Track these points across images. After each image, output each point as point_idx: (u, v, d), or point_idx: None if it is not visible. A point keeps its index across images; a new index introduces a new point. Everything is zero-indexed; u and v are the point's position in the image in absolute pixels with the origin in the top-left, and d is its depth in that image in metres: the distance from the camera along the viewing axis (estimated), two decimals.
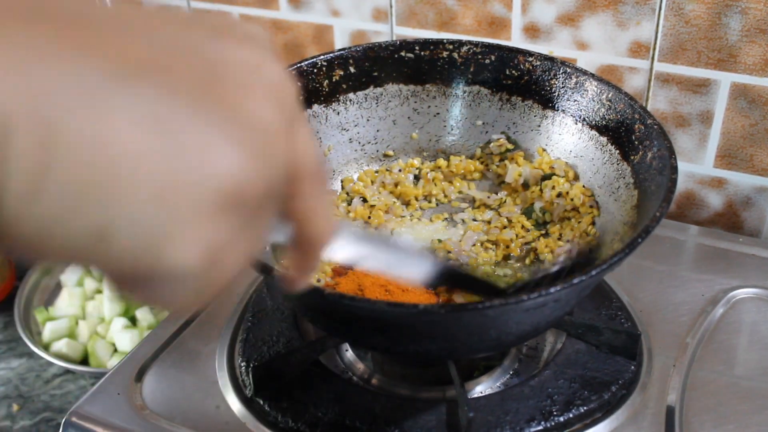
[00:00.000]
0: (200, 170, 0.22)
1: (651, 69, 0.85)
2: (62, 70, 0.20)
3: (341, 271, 0.68)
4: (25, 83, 0.20)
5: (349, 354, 0.71)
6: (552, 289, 0.49)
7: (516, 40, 0.91)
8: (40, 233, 0.21)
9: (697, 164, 0.89)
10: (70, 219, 0.21)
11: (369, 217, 0.74)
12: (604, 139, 0.69)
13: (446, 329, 0.54)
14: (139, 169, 0.21)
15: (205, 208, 0.22)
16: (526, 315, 0.54)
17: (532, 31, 0.89)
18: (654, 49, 0.84)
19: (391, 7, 0.95)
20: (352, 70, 0.75)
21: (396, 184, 0.77)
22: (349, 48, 0.75)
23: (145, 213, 0.21)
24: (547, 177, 0.72)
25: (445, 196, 0.77)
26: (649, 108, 0.87)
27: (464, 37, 0.93)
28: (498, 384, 0.67)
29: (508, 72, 0.75)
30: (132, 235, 0.21)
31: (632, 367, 0.65)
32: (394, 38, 0.97)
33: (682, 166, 0.89)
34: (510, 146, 0.76)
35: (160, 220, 0.21)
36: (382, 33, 0.98)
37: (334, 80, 0.75)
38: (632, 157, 0.65)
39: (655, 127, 0.63)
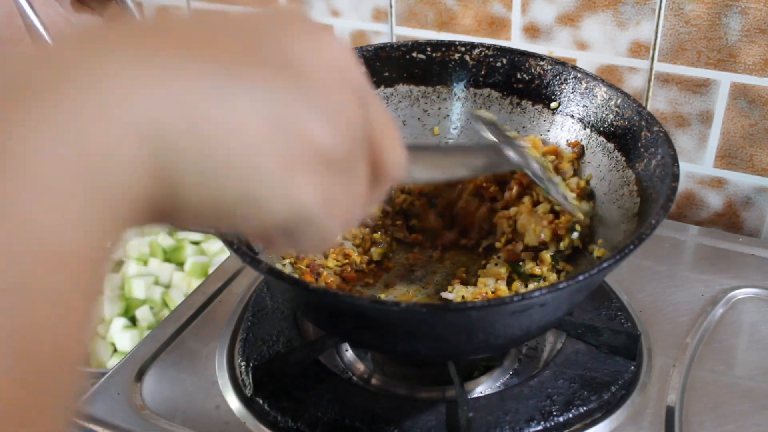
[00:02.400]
0: (302, 139, 0.29)
1: (651, 69, 0.85)
2: (191, 79, 0.27)
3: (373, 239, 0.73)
4: (170, 95, 0.26)
5: (349, 354, 0.71)
6: (536, 293, 0.49)
7: (516, 40, 0.91)
8: (207, 206, 0.28)
9: (697, 164, 0.89)
10: (224, 191, 0.28)
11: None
12: (611, 146, 0.69)
13: (431, 329, 0.54)
14: (263, 146, 0.28)
15: (310, 162, 0.30)
16: (512, 318, 0.53)
17: (532, 31, 0.89)
18: (654, 49, 0.84)
19: (391, 7, 0.95)
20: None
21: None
22: (361, 47, 0.75)
23: (274, 173, 0.29)
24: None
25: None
26: (649, 108, 0.87)
27: (471, 39, 0.93)
28: (498, 384, 0.67)
29: (519, 75, 0.75)
30: (269, 190, 0.29)
31: (632, 368, 0.65)
32: (394, 38, 0.97)
33: (682, 166, 0.89)
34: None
35: (284, 175, 0.29)
36: (382, 33, 0.98)
37: None
38: (637, 165, 0.65)
39: (661, 134, 0.63)
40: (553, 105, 0.73)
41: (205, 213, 0.28)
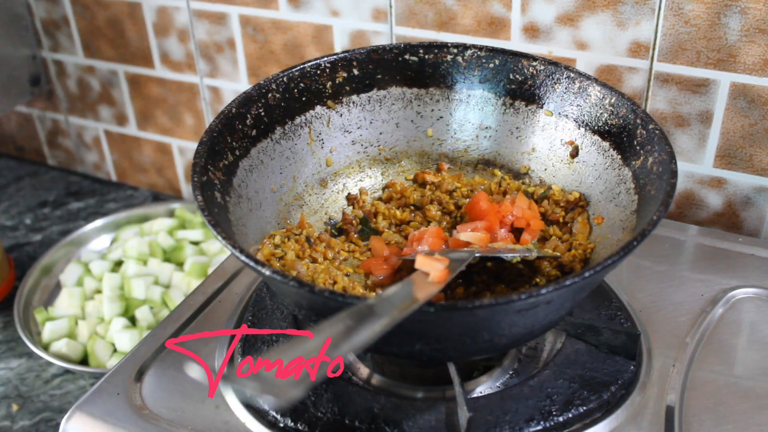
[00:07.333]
0: None
1: (650, 69, 0.86)
2: None
3: None
4: None
5: (349, 354, 0.71)
6: (543, 290, 0.49)
7: (515, 40, 0.91)
8: None
9: (696, 164, 0.89)
10: None
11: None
12: (606, 144, 0.69)
13: (437, 329, 0.54)
14: None
15: None
16: (518, 317, 0.54)
17: (531, 31, 0.89)
18: (653, 49, 0.84)
19: (390, 7, 0.95)
20: (355, 72, 0.75)
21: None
22: (353, 50, 0.75)
23: None
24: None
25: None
26: (648, 108, 0.87)
27: (467, 40, 0.93)
28: (497, 384, 0.67)
29: (512, 76, 0.75)
30: None
31: (632, 367, 0.65)
32: (394, 38, 0.97)
33: (682, 166, 0.89)
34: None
35: None
36: (382, 33, 0.98)
37: (337, 82, 0.75)
38: (633, 163, 0.65)
39: (657, 132, 0.63)
40: (545, 105, 0.73)
41: None
